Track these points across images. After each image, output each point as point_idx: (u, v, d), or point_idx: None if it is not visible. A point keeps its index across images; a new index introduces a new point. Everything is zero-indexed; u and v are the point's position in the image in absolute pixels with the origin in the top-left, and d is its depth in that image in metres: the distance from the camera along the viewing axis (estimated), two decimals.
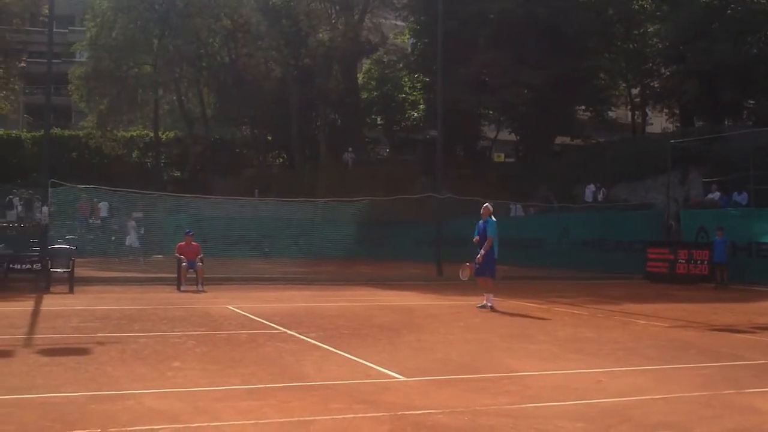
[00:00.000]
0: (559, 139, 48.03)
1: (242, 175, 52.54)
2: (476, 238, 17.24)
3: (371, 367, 9.50)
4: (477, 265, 17.09)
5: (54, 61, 26.47)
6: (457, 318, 15.33)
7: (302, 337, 12.05)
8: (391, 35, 53.46)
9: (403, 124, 55.31)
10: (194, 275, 21.28)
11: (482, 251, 16.87)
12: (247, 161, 55.73)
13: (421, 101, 51.27)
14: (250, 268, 28.58)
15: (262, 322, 13.86)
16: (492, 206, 17.34)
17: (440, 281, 25.75)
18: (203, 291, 20.55)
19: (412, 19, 48.00)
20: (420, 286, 23.75)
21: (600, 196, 34.95)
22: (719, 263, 24.61)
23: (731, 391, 8.39)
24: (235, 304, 17.11)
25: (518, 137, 49.52)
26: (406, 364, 9.70)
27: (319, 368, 9.41)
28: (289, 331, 12.61)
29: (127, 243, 33.58)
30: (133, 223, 34.29)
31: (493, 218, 17.27)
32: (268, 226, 36.92)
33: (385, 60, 54.20)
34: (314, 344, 11.31)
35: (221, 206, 37.27)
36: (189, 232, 22.71)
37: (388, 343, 11.49)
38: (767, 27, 39.67)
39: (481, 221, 17.17)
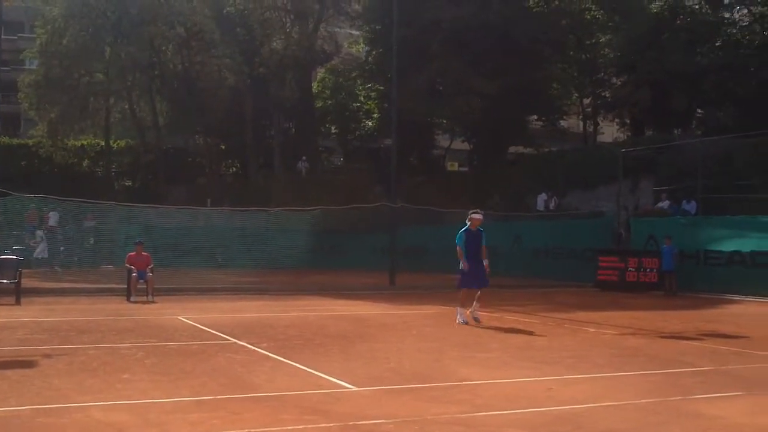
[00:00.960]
0: (512, 148, 48.33)
1: (195, 184, 52.07)
2: (458, 247, 15.77)
3: (323, 378, 9.46)
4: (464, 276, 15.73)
5: (3, 68, 26.10)
6: (410, 327, 15.34)
7: (253, 347, 11.97)
8: (345, 44, 53.54)
9: (358, 133, 55.32)
10: (145, 286, 21.02)
11: (486, 261, 15.83)
12: (200, 170, 55.20)
13: (376, 110, 51.33)
14: (202, 278, 28.34)
15: (213, 333, 13.75)
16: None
17: (394, 290, 25.79)
18: (154, 302, 20.32)
19: (367, 28, 48.07)
20: (373, 296, 23.72)
21: (552, 205, 35.25)
22: (667, 271, 24.95)
23: (679, 398, 8.50)
24: (186, 314, 16.96)
25: (472, 146, 49.77)
26: (358, 374, 9.69)
27: (270, 379, 9.36)
28: (240, 342, 12.52)
29: (35, 255, 32.70)
30: (40, 233, 33.73)
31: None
32: (221, 235, 36.68)
33: (339, 69, 54.23)
34: (265, 355, 11.25)
35: (173, 216, 36.91)
36: (139, 241, 22.46)
37: (340, 353, 11.46)
38: (716, 37, 40.43)
39: (463, 230, 15.83)
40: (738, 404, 8.28)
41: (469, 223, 15.83)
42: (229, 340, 12.85)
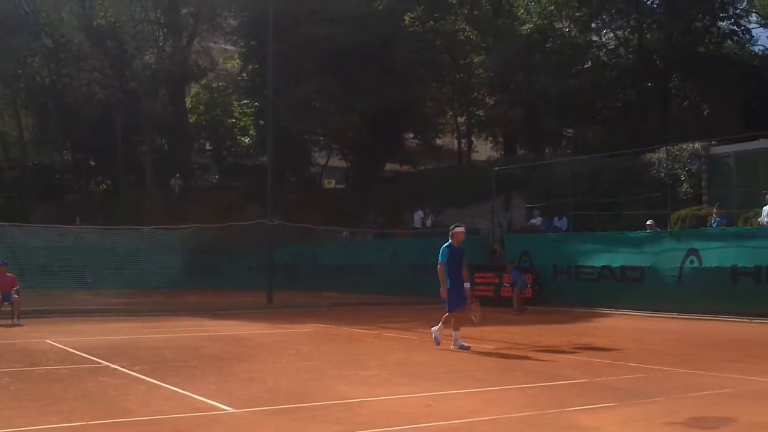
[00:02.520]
0: (388, 166, 48.69)
1: (63, 201, 50.29)
2: (441, 264, 14.38)
3: (199, 400, 9.17)
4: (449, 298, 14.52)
5: None
6: (288, 346, 15.13)
7: (126, 370, 11.54)
8: (220, 59, 52.84)
9: (233, 149, 54.63)
10: (10, 308, 20.10)
11: (467, 284, 14.74)
12: (68, 187, 53.43)
13: (252, 127, 50.87)
14: (71, 300, 27.33)
15: (84, 356, 13.20)
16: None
17: (271, 309, 25.47)
18: (20, 325, 19.43)
19: (242, 43, 47.60)
20: (250, 315, 23.36)
21: (428, 222, 35.57)
22: (516, 288, 25.46)
23: (556, 410, 8.58)
24: (54, 337, 16.24)
25: (349, 163, 49.90)
26: (235, 395, 9.44)
27: (145, 403, 9.01)
28: (112, 365, 12.06)
29: None
30: None
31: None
32: (91, 255, 35.40)
33: (214, 84, 53.51)
34: (139, 378, 10.86)
35: (40, 235, 35.39)
36: (2, 262, 21.46)
37: (216, 375, 11.17)
38: (584, 60, 41.85)
39: (446, 245, 14.45)
40: (612, 414, 8.43)
41: (451, 239, 14.45)
42: (100, 363, 12.36)
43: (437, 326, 14.78)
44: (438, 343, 14.59)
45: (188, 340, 16.31)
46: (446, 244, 14.51)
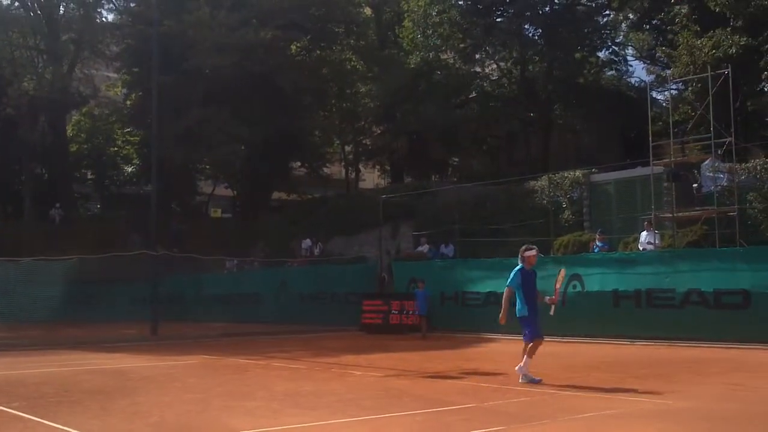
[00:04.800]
0: (276, 194, 48.41)
1: None
2: (509, 288, 13.44)
3: None
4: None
5: None
6: (174, 378, 14.75)
7: (3, 408, 11.02)
8: (103, 87, 51.58)
9: (116, 179, 53.35)
10: None
11: (553, 302, 13.84)
12: None
13: (135, 156, 49.80)
14: None
15: None
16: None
17: (156, 341, 24.89)
18: None
19: (125, 71, 46.67)
20: (134, 347, 22.71)
21: (316, 251, 35.47)
22: (420, 314, 25.59)
23: None
24: None
25: (235, 192, 49.40)
26: (118, 430, 9.15)
27: None
28: None
29: None
30: None
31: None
32: None
33: (96, 112, 52.20)
34: (17, 415, 10.40)
35: None
36: None
37: (99, 409, 10.81)
38: (469, 90, 42.74)
39: (518, 269, 13.44)
40: None
41: (522, 262, 13.43)
42: None
43: (522, 362, 13.19)
44: (535, 381, 12.91)
45: (69, 375, 15.72)
46: (518, 267, 13.44)
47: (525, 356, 13.12)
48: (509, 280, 13.36)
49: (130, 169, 51.33)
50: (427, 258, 29.36)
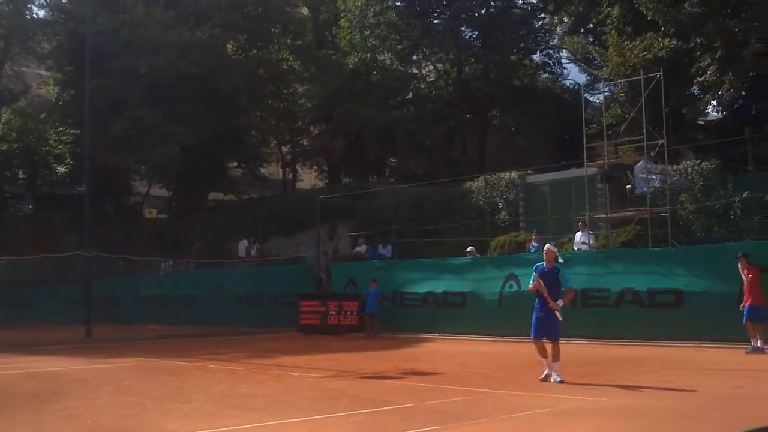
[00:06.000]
0: (212, 195, 47.95)
1: None
2: (532, 285, 13.39)
3: None
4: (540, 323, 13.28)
5: None
6: (108, 381, 14.53)
7: None
8: (34, 84, 50.49)
9: (48, 178, 52.27)
10: None
11: (561, 302, 13.25)
12: None
13: (68, 155, 48.88)
14: None
15: None
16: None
17: (90, 343, 24.52)
18: None
19: (58, 68, 45.74)
20: (68, 350, 22.32)
21: (253, 251, 35.21)
22: (370, 314, 25.56)
23: None
24: None
25: (171, 193, 48.80)
26: None
27: None
28: None
29: None
30: None
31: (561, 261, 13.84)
32: None
33: (27, 110, 51.03)
34: None
35: None
36: None
37: (31, 414, 10.60)
38: (406, 91, 42.89)
39: (539, 266, 13.49)
40: None
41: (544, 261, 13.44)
42: None
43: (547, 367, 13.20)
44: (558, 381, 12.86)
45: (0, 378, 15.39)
46: (539, 263, 13.57)
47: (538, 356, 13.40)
48: (531, 279, 13.45)
49: (63, 169, 50.33)
50: (365, 258, 29.37)
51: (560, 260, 13.84)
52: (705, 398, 11.23)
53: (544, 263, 13.47)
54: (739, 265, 17.52)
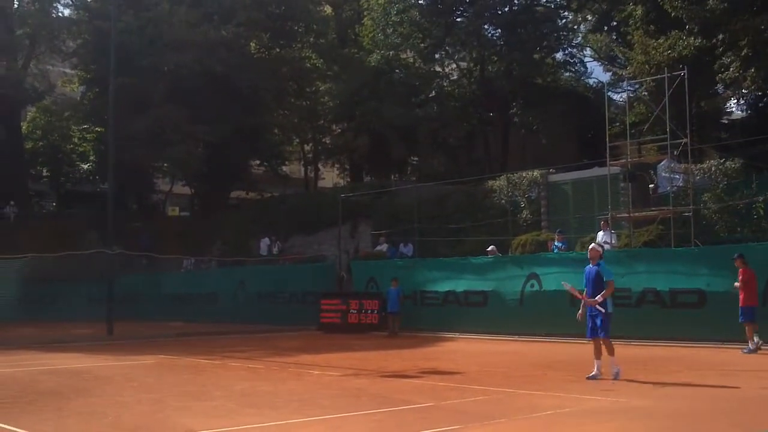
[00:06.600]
0: (234, 193, 48.12)
1: None
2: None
3: None
4: (591, 320, 13.47)
5: None
6: (130, 378, 14.61)
7: None
8: (59, 83, 50.87)
9: (72, 176, 52.65)
10: None
11: (599, 298, 13.25)
12: None
13: (92, 153, 49.19)
14: None
15: None
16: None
17: (112, 340, 24.61)
18: None
19: (82, 67, 46.04)
20: (90, 347, 22.41)
21: (275, 249, 35.31)
22: (392, 312, 25.56)
23: None
24: None
25: (193, 191, 49.03)
26: (73, 431, 9.01)
27: None
28: None
29: None
30: None
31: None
32: None
33: (52, 108, 51.42)
34: None
35: None
36: None
37: (54, 410, 10.67)
38: (429, 89, 42.85)
39: (588, 266, 13.73)
40: None
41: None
42: None
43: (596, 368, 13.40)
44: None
45: (23, 375, 15.49)
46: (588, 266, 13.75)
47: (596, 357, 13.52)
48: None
49: (86, 167, 50.67)
50: (386, 257, 29.35)
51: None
52: (727, 399, 11.15)
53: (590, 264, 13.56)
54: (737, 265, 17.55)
